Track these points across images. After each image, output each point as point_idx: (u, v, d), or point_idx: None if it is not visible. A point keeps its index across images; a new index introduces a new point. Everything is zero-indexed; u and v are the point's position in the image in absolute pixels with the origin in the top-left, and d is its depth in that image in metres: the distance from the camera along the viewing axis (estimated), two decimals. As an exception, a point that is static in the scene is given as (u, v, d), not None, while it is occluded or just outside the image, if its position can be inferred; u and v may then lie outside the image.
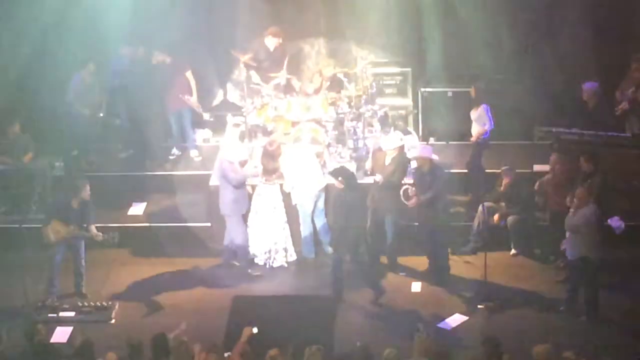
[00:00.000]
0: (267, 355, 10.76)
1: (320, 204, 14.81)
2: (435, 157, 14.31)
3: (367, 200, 14.29)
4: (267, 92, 16.08)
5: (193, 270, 14.73)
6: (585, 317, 13.21)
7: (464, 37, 17.06)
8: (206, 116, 16.97)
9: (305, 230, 14.82)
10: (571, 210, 13.08)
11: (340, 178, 13.79)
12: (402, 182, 14.37)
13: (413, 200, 14.10)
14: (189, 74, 16.56)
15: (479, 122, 15.55)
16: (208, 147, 17.07)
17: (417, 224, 14.56)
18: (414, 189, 14.10)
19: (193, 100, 16.57)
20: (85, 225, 13.79)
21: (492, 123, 15.54)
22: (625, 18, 16.85)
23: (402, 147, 14.49)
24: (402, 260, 14.66)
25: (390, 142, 14.45)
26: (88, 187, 13.82)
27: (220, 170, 14.42)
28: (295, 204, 14.71)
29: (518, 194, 14.72)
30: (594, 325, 13.08)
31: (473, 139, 15.62)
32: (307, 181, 14.64)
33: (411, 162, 14.99)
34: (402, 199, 14.16)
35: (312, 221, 14.83)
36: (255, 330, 11.36)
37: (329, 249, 14.82)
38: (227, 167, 14.32)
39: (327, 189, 14.75)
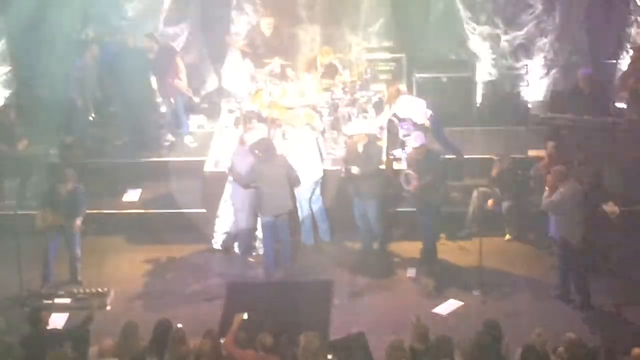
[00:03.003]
0: (259, 340, 10.73)
1: (318, 190, 14.80)
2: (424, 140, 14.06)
3: (350, 188, 14.33)
4: (262, 77, 16.07)
5: (188, 256, 14.74)
6: (578, 302, 13.22)
7: (458, 23, 17.08)
8: (197, 100, 16.98)
9: (303, 215, 14.78)
10: (546, 189, 13.04)
11: (256, 151, 13.88)
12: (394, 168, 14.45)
13: (413, 184, 14.07)
14: (178, 59, 16.55)
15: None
16: (203, 133, 17.05)
17: (410, 210, 14.57)
18: (414, 173, 14.06)
19: (183, 84, 16.56)
20: (73, 213, 13.80)
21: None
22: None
23: (371, 136, 14.42)
24: (396, 245, 14.68)
25: (353, 128, 14.46)
26: (73, 176, 13.81)
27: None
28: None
29: (512, 179, 14.73)
30: (586, 311, 13.10)
31: None
32: (307, 168, 14.59)
33: (406, 148, 15.02)
34: (403, 183, 14.16)
35: (310, 207, 14.84)
36: (245, 316, 11.34)
37: (327, 236, 14.88)
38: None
39: (326, 176, 14.78)
